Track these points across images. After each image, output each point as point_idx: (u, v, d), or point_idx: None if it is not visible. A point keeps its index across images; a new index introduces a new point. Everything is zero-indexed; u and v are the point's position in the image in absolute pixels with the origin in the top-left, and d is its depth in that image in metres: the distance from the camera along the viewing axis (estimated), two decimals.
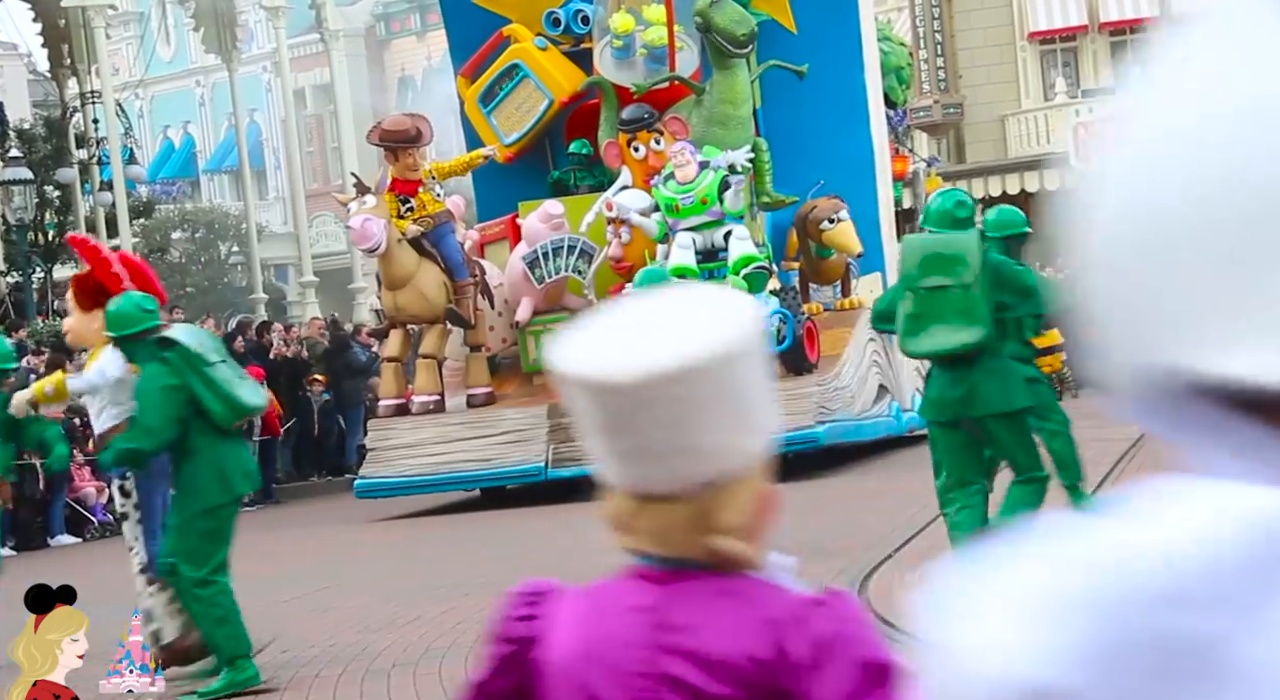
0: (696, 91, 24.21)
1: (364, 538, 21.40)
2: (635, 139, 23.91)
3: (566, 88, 24.96)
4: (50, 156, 41.39)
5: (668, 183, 22.91)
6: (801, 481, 20.72)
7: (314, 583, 15.89)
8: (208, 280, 51.58)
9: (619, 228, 23.65)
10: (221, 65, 44.73)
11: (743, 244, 22.88)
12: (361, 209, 23.12)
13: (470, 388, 23.84)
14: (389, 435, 23.39)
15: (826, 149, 24.90)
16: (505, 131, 25.19)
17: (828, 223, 24.11)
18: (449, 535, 20.29)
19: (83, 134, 40.51)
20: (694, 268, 22.81)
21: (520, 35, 25.19)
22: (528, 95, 25.05)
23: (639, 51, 24.47)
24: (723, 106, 23.96)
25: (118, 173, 38.08)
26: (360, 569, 17.11)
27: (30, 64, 52.04)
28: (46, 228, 41.30)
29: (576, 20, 25.22)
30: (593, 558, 12.23)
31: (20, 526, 23.38)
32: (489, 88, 25.21)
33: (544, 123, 25.22)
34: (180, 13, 48.49)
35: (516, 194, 24.91)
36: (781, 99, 25.02)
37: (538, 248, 23.68)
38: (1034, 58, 47.20)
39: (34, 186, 38.06)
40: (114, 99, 39.83)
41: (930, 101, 46.46)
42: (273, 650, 11.90)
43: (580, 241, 23.76)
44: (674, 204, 22.89)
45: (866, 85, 25.31)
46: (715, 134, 23.66)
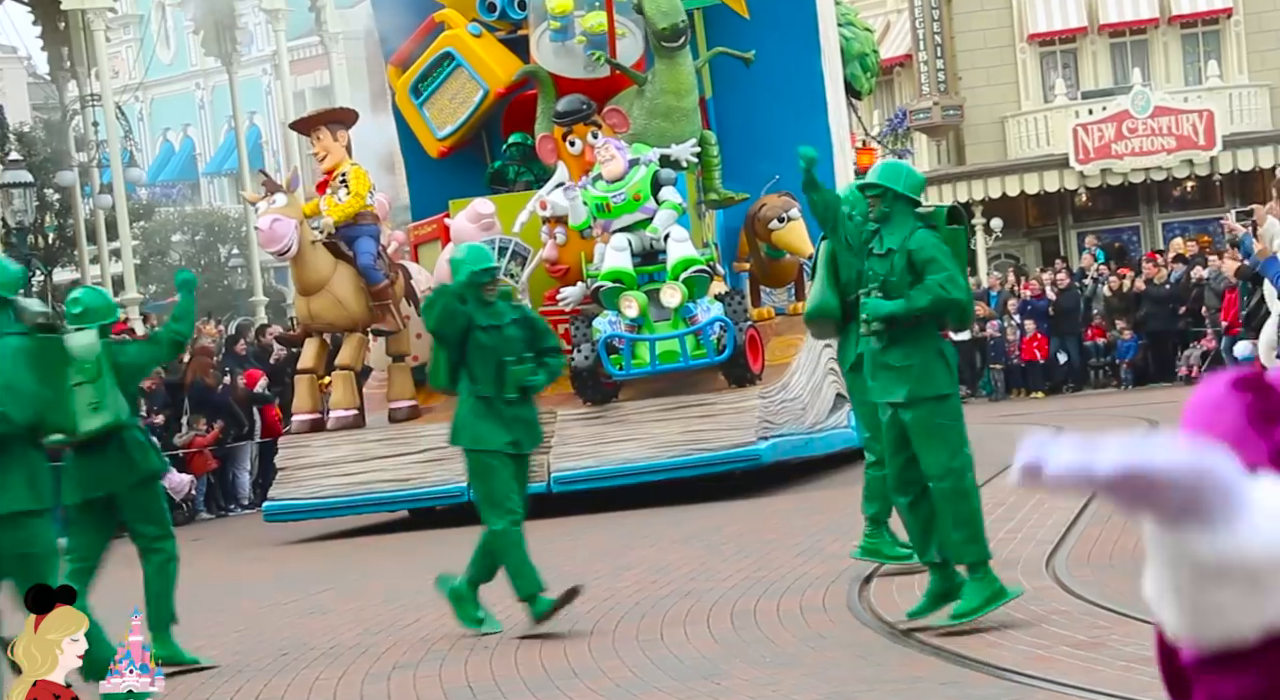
0: (638, 82, 21.10)
1: (362, 539, 19.65)
2: (571, 132, 20.73)
3: (503, 77, 21.77)
4: (50, 159, 42.48)
5: (596, 183, 19.80)
6: (800, 483, 19.84)
7: (313, 585, 14.65)
8: (208, 283, 49.52)
9: (554, 228, 20.56)
10: (221, 68, 42.68)
11: (682, 246, 19.76)
12: (270, 209, 20.13)
13: (392, 401, 20.81)
14: (301, 453, 20.24)
15: (781, 142, 21.72)
16: (438, 124, 22.06)
17: (777, 222, 20.98)
18: (448, 537, 17.87)
19: (83, 137, 39.49)
20: (630, 272, 19.73)
21: (453, 21, 22.03)
22: (461, 85, 21.87)
23: (578, 38, 21.36)
24: (666, 97, 20.84)
25: (118, 175, 36.18)
26: (359, 570, 15.69)
27: (30, 67, 50.81)
28: (46, 231, 41.18)
29: (513, 5, 22.02)
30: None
31: None
32: (420, 78, 22.05)
33: (479, 115, 22.02)
34: (180, 15, 46.31)
35: (452, 191, 21.82)
36: (733, 89, 21.93)
37: None
38: (1034, 59, 45.20)
39: (34, 189, 36.65)
40: (114, 102, 37.94)
41: (930, 103, 44.73)
42: (274, 652, 11.60)
43: (513, 242, 20.65)
44: (605, 203, 19.76)
45: (824, 73, 22.10)
46: (658, 127, 20.53)
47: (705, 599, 11.88)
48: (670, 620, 11.23)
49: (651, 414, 19.83)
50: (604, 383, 19.91)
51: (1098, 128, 42.91)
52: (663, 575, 13.40)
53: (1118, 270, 36.39)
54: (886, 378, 10.08)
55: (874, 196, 10.16)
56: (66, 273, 45.06)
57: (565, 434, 19.85)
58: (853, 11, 25.33)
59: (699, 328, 19.54)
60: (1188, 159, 42.79)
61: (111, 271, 39.85)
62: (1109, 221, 44.64)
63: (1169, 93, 43.33)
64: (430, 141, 22.20)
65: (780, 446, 19.67)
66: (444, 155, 22.24)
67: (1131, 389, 34.24)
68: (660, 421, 19.73)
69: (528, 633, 11.20)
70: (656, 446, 19.53)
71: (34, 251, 37.08)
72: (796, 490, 19.67)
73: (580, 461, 19.60)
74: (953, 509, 9.82)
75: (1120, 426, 23.04)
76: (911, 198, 10.16)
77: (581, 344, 19.85)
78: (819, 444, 20.71)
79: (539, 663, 10.29)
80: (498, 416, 11.46)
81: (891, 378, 10.05)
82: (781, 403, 20.00)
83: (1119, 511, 2.14)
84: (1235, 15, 43.71)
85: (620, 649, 10.46)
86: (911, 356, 10.00)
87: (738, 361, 19.68)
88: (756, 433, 19.32)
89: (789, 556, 13.71)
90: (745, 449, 19.22)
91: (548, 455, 19.65)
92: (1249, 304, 21.92)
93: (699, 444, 19.44)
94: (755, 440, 19.25)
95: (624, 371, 19.70)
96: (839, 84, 22.58)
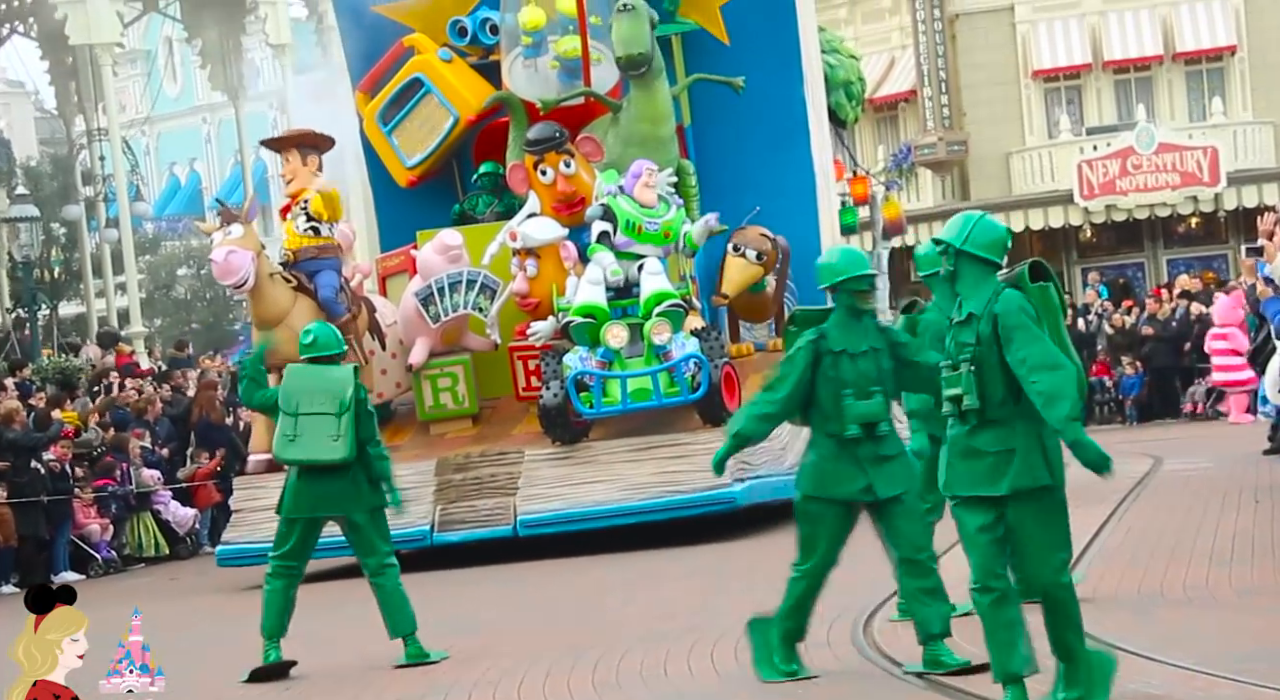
0: (613, 109, 19.73)
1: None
2: (543, 161, 19.36)
3: (474, 104, 20.38)
4: (57, 193, 42.36)
5: (623, 196, 18.39)
6: None
7: (317, 618, 13.94)
8: (213, 316, 48.58)
9: (524, 260, 19.17)
10: (228, 102, 41.94)
11: (655, 279, 18.35)
12: (226, 240, 18.78)
13: None
14: (256, 495, 18.76)
15: (763, 172, 20.44)
16: (407, 152, 20.69)
17: (732, 248, 19.60)
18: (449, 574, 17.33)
19: (89, 171, 39.40)
20: (603, 306, 18.32)
21: (423, 46, 20.66)
22: (431, 112, 20.48)
23: (550, 63, 20.00)
24: (641, 125, 19.46)
25: (124, 209, 35.47)
26: (363, 603, 14.40)
27: (38, 102, 50.13)
28: (53, 264, 41.42)
29: (484, 30, 20.64)
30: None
31: (23, 563, 21.63)
32: (389, 104, 20.69)
33: (449, 142, 20.63)
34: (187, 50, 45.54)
35: (421, 221, 20.48)
36: (712, 117, 20.55)
37: (432, 283, 19.23)
38: (1038, 95, 44.01)
39: (40, 223, 35.72)
40: (120, 136, 37.32)
41: (935, 139, 43.59)
42: (278, 686, 11.39)
43: (481, 275, 19.30)
44: (637, 224, 18.38)
45: (807, 101, 20.69)
46: (633, 155, 19.08)
47: (709, 634, 11.45)
48: (674, 655, 10.85)
49: (623, 454, 18.41)
50: (574, 421, 18.50)
51: (1102, 164, 41.96)
52: (667, 610, 12.97)
53: (1122, 304, 35.42)
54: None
55: (943, 253, 8.06)
56: (72, 306, 44.32)
57: (533, 475, 18.45)
58: (838, 39, 24.00)
59: (672, 364, 18.15)
60: (1192, 195, 41.81)
61: (117, 305, 39.12)
62: (1113, 257, 43.62)
63: (1173, 129, 42.35)
64: (399, 170, 20.86)
65: (757, 489, 18.22)
66: (413, 185, 20.90)
67: (1136, 425, 33.37)
68: (632, 462, 18.30)
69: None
70: (627, 488, 18.12)
71: (40, 285, 36.47)
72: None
73: (548, 504, 18.20)
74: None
75: (1126, 462, 22.28)
76: (980, 256, 7.94)
77: (551, 381, 18.47)
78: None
79: (542, 697, 9.99)
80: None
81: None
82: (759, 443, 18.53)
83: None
84: (1240, 52, 42.76)
85: (624, 683, 10.14)
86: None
87: (713, 400, 18.25)
88: (732, 475, 17.84)
89: None
90: (720, 491, 17.76)
91: (514, 497, 18.28)
92: (1256, 339, 21.25)
93: (672, 486, 18.01)
94: (730, 482, 17.79)
95: (594, 410, 18.30)
96: (822, 112, 21.17)
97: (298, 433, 11.45)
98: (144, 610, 10.29)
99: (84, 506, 22.66)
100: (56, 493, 21.81)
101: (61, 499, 21.90)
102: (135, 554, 23.62)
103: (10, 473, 21.23)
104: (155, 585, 20.83)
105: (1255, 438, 21.94)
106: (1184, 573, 12.04)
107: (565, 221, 19.13)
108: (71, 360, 29.27)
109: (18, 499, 21.21)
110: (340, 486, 11.52)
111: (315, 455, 11.44)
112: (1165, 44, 42.67)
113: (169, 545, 23.95)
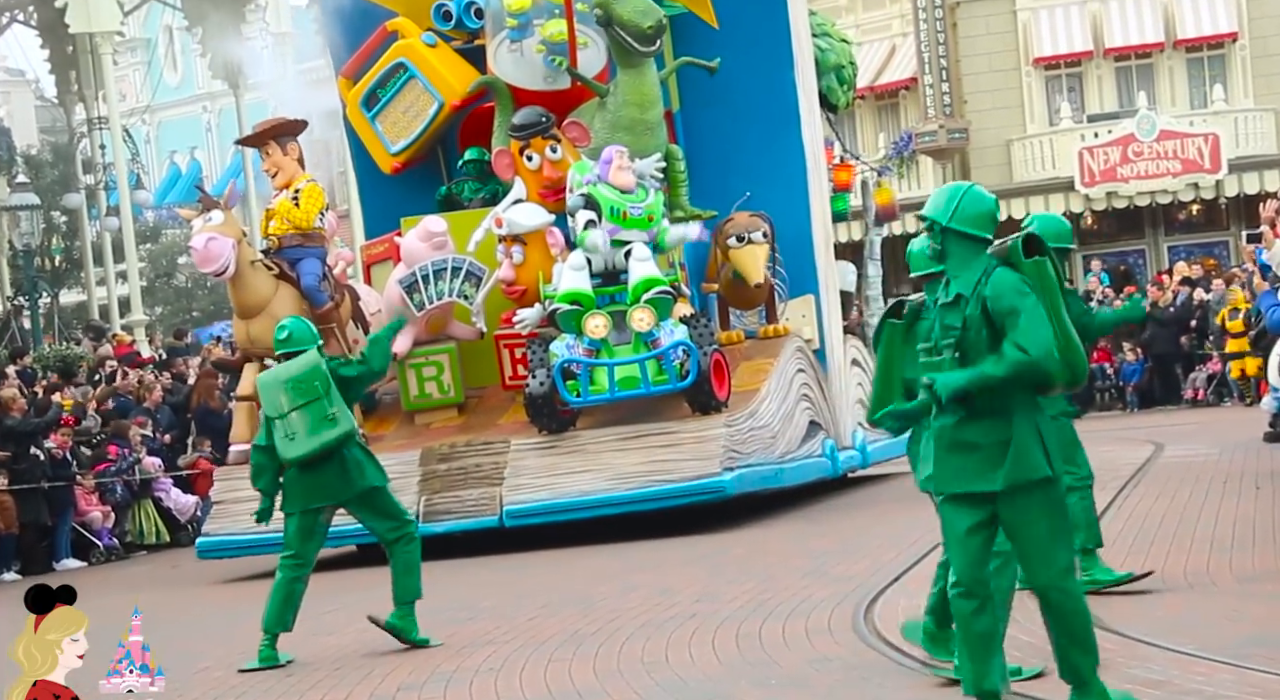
0: (599, 93, 19.19)
1: (369, 562, 17.82)
2: (529, 146, 18.83)
3: (458, 89, 19.81)
4: (57, 182, 42.16)
5: (603, 184, 17.83)
6: (804, 506, 18.96)
7: (320, 606, 13.68)
8: (214, 305, 48.13)
9: (510, 247, 18.64)
10: (228, 91, 41.47)
11: (643, 265, 17.79)
12: (206, 226, 18.26)
13: None
14: (238, 486, 18.24)
15: (753, 157, 19.89)
16: (391, 138, 20.13)
17: (735, 240, 19.02)
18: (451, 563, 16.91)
19: (90, 159, 39.13)
20: (589, 293, 17.79)
21: (406, 30, 20.09)
22: (415, 98, 19.92)
23: (536, 47, 19.47)
24: (628, 110, 18.91)
25: (124, 198, 35.05)
26: (364, 592, 14.54)
27: (38, 90, 49.79)
28: (53, 253, 41.28)
29: (469, 13, 20.05)
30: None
31: (25, 550, 21.52)
32: (372, 90, 20.13)
33: (434, 128, 20.06)
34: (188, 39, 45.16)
35: (405, 208, 19.94)
36: (702, 102, 19.98)
37: (416, 270, 18.70)
38: (1039, 83, 43.65)
39: (41, 212, 36.01)
40: (121, 124, 36.93)
41: (935, 126, 43.29)
42: (279, 673, 11.22)
43: (466, 262, 18.77)
44: (622, 210, 17.84)
45: (798, 85, 20.12)
46: (621, 140, 18.51)
47: (710, 621, 11.34)
48: (675, 642, 10.70)
49: (610, 443, 17.86)
50: (560, 410, 17.97)
51: (1103, 151, 41.59)
52: (667, 597, 12.72)
53: (1123, 291, 35.14)
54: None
55: (929, 230, 7.29)
56: (73, 295, 43.99)
57: (519, 465, 17.92)
58: (829, 22, 23.37)
59: (661, 352, 17.60)
60: (1193, 182, 41.44)
61: (118, 293, 38.79)
62: (1114, 244, 43.23)
63: (1174, 116, 41.93)
64: (383, 156, 20.31)
65: (747, 477, 17.69)
66: (397, 171, 20.36)
67: (1137, 412, 33.24)
68: (619, 451, 17.75)
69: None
70: (615, 478, 17.57)
71: (41, 273, 36.62)
72: (801, 512, 18.39)
73: (535, 494, 17.67)
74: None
75: (1127, 449, 22.22)
76: (968, 232, 7.20)
77: (537, 369, 17.96)
78: (790, 475, 18.74)
79: (544, 684, 9.82)
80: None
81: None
82: (749, 431, 18.03)
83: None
84: (1241, 40, 42.35)
85: (625, 670, 9.97)
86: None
87: (702, 388, 17.72)
88: (721, 463, 17.34)
89: (794, 579, 13.04)
90: (709, 480, 17.23)
91: (500, 487, 17.78)
92: (1257, 325, 21.09)
93: (660, 475, 17.47)
94: (720, 471, 17.26)
95: (581, 398, 17.76)
96: (813, 97, 20.59)
97: (294, 430, 11.34)
98: (145, 597, 10.11)
99: (85, 494, 22.45)
100: (57, 480, 21.60)
101: (62, 486, 21.64)
102: (137, 541, 23.47)
103: (10, 460, 20.96)
104: (157, 572, 20.61)
105: (1256, 424, 21.68)
106: (1185, 559, 11.91)
107: (551, 207, 18.61)
108: (73, 349, 29.00)
109: (19, 485, 20.95)
110: (331, 474, 11.43)
111: (319, 442, 11.32)
112: (1166, 31, 42.34)
113: (170, 533, 23.77)
